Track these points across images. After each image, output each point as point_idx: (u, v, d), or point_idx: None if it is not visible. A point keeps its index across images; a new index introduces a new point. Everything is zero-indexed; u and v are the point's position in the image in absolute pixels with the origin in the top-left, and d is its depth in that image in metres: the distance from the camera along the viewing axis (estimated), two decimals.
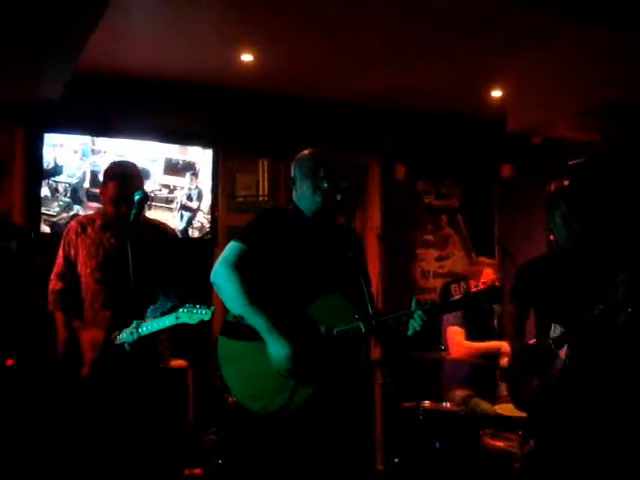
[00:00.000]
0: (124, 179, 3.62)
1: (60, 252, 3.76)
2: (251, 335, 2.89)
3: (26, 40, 3.84)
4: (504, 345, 4.61)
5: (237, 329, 2.93)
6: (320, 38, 4.56)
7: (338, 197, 3.00)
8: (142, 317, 3.44)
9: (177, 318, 3.26)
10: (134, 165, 3.82)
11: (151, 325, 3.38)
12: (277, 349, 2.83)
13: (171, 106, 5.38)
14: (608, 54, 4.46)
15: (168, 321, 3.31)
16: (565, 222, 3.39)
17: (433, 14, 4.16)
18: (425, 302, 2.87)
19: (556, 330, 3.25)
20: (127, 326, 3.42)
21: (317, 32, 4.47)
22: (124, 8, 3.88)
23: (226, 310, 3.01)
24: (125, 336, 3.42)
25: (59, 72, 4.32)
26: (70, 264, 3.73)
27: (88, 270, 3.67)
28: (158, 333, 3.40)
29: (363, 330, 2.84)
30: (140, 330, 3.38)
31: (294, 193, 3.18)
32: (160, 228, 3.87)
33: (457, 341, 4.88)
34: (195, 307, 3.21)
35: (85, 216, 4.07)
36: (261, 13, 4.17)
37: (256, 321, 2.87)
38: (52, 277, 3.76)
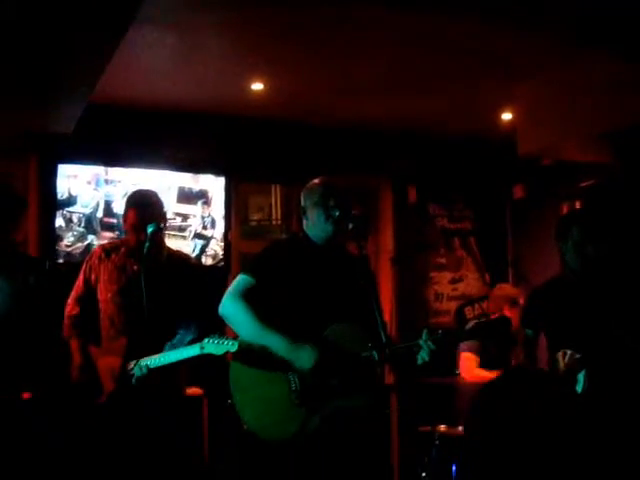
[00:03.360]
0: (143, 206, 3.61)
1: (81, 275, 3.74)
2: (263, 363, 2.91)
3: (39, 76, 3.90)
4: None
5: (250, 356, 2.94)
6: (329, 66, 4.60)
7: (350, 226, 3.00)
8: (158, 349, 3.43)
9: (202, 348, 3.22)
10: (154, 193, 3.82)
11: (173, 354, 3.36)
12: (304, 358, 2.84)
13: (183, 135, 5.43)
14: (619, 77, 4.46)
15: (192, 351, 3.28)
16: (578, 246, 3.36)
17: (445, 42, 4.20)
18: (436, 332, 2.86)
19: (569, 356, 3.21)
20: (142, 355, 3.41)
21: (327, 60, 4.51)
22: (136, 41, 3.94)
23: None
24: (135, 369, 3.41)
25: (72, 107, 4.38)
26: (90, 288, 3.71)
27: (109, 295, 3.65)
28: (179, 364, 3.38)
29: (376, 358, 2.84)
30: (152, 362, 3.36)
31: (304, 222, 3.16)
32: (183, 260, 3.87)
33: (468, 368, 4.86)
34: (222, 338, 3.18)
35: (110, 243, 4.10)
36: (271, 42, 4.22)
37: (274, 341, 2.88)
38: (69, 301, 3.74)
